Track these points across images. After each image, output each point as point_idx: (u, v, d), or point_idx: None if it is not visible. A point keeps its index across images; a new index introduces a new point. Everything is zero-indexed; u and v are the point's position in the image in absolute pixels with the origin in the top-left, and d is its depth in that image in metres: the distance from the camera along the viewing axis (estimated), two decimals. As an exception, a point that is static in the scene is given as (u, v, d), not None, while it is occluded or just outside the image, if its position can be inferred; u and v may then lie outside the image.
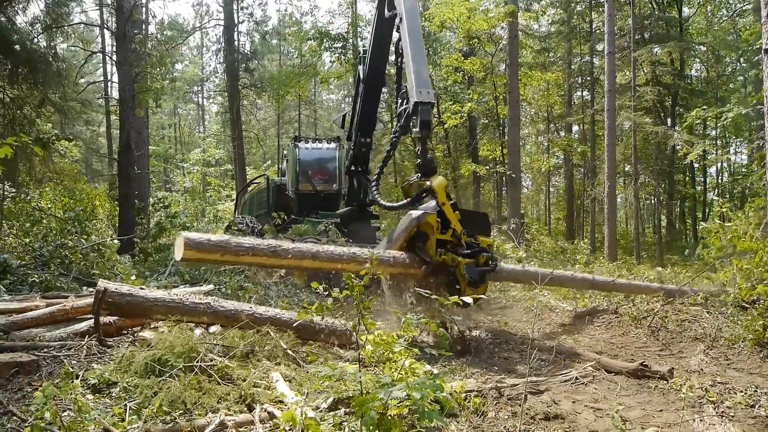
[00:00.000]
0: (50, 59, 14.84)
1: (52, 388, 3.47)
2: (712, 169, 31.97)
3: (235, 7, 29.81)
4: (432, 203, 7.12)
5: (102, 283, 5.09)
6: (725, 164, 32.51)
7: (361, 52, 11.19)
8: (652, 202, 33.01)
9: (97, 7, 26.56)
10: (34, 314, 5.76)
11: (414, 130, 7.68)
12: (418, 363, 4.05)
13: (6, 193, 15.17)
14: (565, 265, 14.27)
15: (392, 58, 10.43)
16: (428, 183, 7.34)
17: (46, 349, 4.84)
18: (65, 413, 3.41)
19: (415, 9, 8.52)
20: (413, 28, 8.17)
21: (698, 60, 30.58)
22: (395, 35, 9.19)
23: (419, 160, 7.71)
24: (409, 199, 7.81)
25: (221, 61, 34.25)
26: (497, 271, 7.62)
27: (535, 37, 31.56)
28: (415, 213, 7.01)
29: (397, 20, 8.52)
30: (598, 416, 4.33)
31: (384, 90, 10.08)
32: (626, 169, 29.65)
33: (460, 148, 31.16)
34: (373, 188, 9.26)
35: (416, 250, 6.93)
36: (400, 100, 8.38)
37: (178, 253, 5.56)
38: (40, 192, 16.45)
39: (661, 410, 4.56)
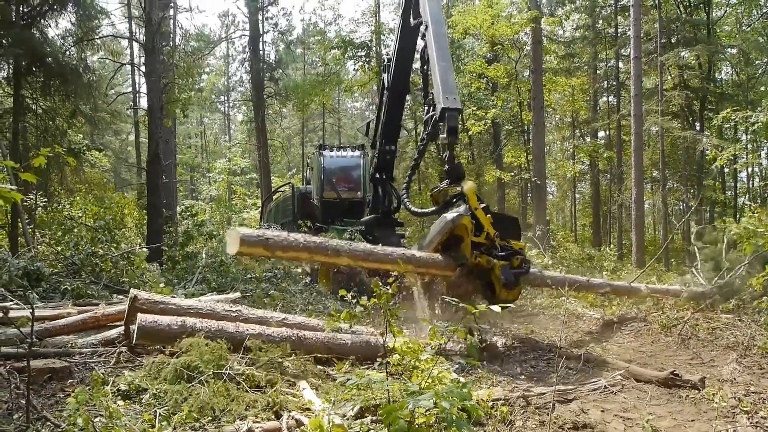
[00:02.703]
0: (81, 71, 15.18)
1: (84, 394, 3.53)
2: (743, 174, 31.34)
3: (260, 17, 30.15)
4: (464, 207, 7.13)
5: (134, 292, 5.17)
6: (756, 168, 31.82)
7: (385, 60, 11.24)
8: (681, 207, 32.47)
9: (126, 20, 27.15)
10: (66, 321, 5.87)
11: (441, 136, 7.68)
12: (446, 371, 4.04)
13: (38, 202, 15.54)
14: (591, 272, 14.12)
15: (416, 65, 10.46)
16: (458, 188, 7.36)
17: (78, 356, 4.93)
18: (97, 419, 3.47)
19: (441, 16, 8.56)
20: (439, 34, 8.19)
21: (727, 63, 30.04)
22: (420, 43, 9.22)
23: (447, 167, 7.72)
24: (440, 206, 7.84)
25: (247, 70, 34.67)
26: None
27: (560, 43, 31.33)
28: (449, 215, 7.04)
29: (422, 27, 8.56)
30: (627, 426, 4.26)
31: (407, 98, 10.14)
32: (654, 174, 29.21)
33: (485, 154, 31.06)
34: (404, 196, 9.30)
35: (451, 252, 6.92)
36: (426, 107, 8.41)
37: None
38: (70, 201, 16.80)
39: (692, 420, 4.47)
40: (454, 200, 7.51)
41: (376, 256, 6.59)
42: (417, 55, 9.77)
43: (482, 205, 7.17)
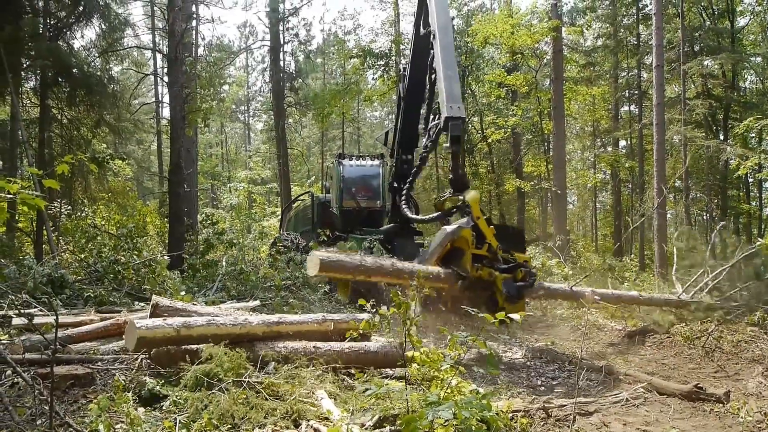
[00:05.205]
0: (105, 82, 15.49)
1: (106, 400, 3.57)
2: (768, 183, 30.75)
3: (280, 28, 30.40)
4: (466, 219, 7.05)
5: (156, 299, 5.22)
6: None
7: (401, 70, 11.32)
8: (704, 218, 32.01)
9: (150, 32, 27.61)
10: (89, 328, 5.94)
11: (445, 145, 7.71)
12: (465, 381, 4.01)
13: (63, 210, 15.79)
14: (613, 283, 13.95)
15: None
16: (461, 198, 7.31)
17: (100, 362, 4.98)
18: (118, 425, 3.51)
19: (448, 25, 8.61)
20: (445, 43, 8.24)
21: (752, 72, 29.63)
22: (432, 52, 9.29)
23: (451, 176, 7.72)
24: (438, 213, 7.80)
25: (267, 80, 34.98)
26: (536, 288, 7.54)
27: (581, 52, 31.17)
28: (449, 228, 7.00)
29: (431, 37, 8.63)
30: (650, 440, 4.20)
31: (424, 107, 10.23)
32: (676, 184, 28.85)
33: (504, 163, 30.94)
34: (402, 203, 9.31)
35: (452, 265, 6.83)
36: (432, 116, 8.47)
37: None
38: (94, 210, 17.02)
39: (717, 435, 4.39)
40: (454, 210, 7.48)
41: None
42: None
43: (485, 217, 7.11)
